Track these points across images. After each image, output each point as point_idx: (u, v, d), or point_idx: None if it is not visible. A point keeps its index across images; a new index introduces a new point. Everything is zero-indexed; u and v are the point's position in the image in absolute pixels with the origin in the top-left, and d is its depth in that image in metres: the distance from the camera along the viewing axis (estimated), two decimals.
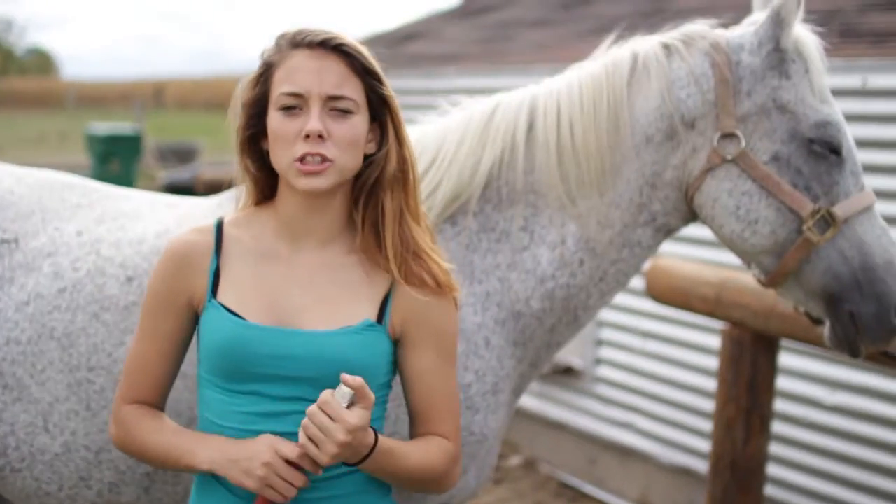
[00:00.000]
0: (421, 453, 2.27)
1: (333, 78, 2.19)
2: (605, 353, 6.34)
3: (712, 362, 5.49)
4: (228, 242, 2.32)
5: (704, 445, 5.60)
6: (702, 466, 5.62)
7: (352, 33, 2.32)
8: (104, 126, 19.81)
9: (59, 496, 2.92)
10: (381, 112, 2.28)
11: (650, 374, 6.04)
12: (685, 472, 5.78)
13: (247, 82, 2.30)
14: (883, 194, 4.44)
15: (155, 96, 52.15)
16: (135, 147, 17.90)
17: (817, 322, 3.07)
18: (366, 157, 2.28)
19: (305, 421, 2.07)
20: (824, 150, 2.85)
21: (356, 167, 2.25)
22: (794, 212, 2.84)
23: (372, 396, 2.09)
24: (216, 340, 2.23)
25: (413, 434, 2.36)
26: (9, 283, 2.92)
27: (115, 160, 16.85)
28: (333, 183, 2.20)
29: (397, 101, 2.32)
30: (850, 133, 2.93)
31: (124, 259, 2.91)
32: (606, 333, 6.32)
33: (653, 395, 6.02)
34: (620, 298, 5.86)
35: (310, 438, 2.07)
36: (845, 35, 5.30)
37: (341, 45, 2.21)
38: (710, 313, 4.34)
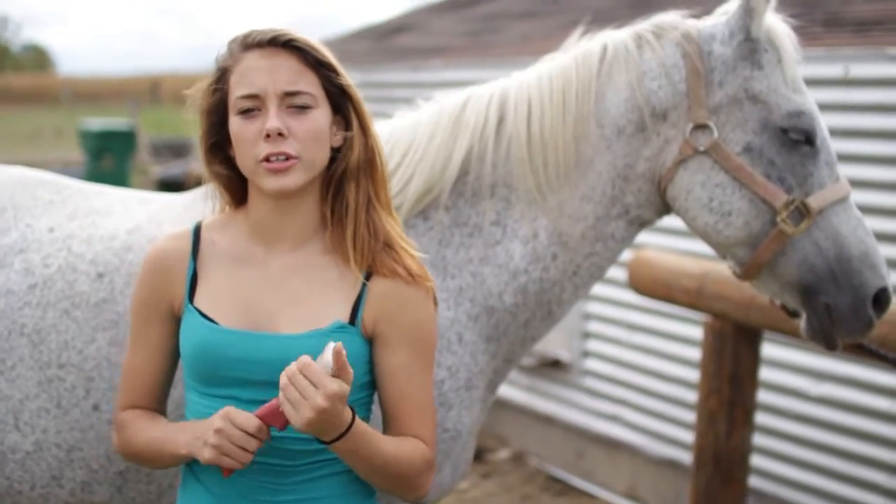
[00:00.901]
0: (396, 446, 2.24)
1: (287, 74, 2.19)
2: (593, 345, 6.37)
3: (698, 354, 5.51)
4: (205, 246, 2.33)
5: (691, 438, 5.61)
6: (689, 459, 5.63)
7: (342, 26, 2.30)
8: (98, 122, 19.84)
9: (32, 495, 2.91)
10: (342, 103, 2.26)
11: (637, 367, 6.07)
12: (672, 465, 5.82)
13: (202, 89, 2.30)
14: (865, 184, 4.48)
15: (150, 91, 52.14)
16: (128, 143, 17.92)
17: (794, 314, 3.07)
18: (335, 150, 2.27)
19: (284, 381, 2.04)
20: (798, 140, 2.84)
21: (323, 161, 2.24)
22: (767, 203, 2.83)
23: (351, 371, 2.06)
24: (191, 345, 2.25)
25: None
26: None
27: (109, 156, 16.88)
28: (302, 181, 2.19)
29: (358, 90, 2.30)
30: (826, 123, 2.93)
31: (95, 255, 2.90)
32: (593, 326, 6.35)
33: (640, 388, 6.05)
34: (607, 290, 5.91)
35: (287, 400, 2.04)
36: (829, 24, 5.33)
37: (291, 40, 2.21)
38: (693, 305, 4.34)
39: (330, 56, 2.25)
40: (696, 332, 5.40)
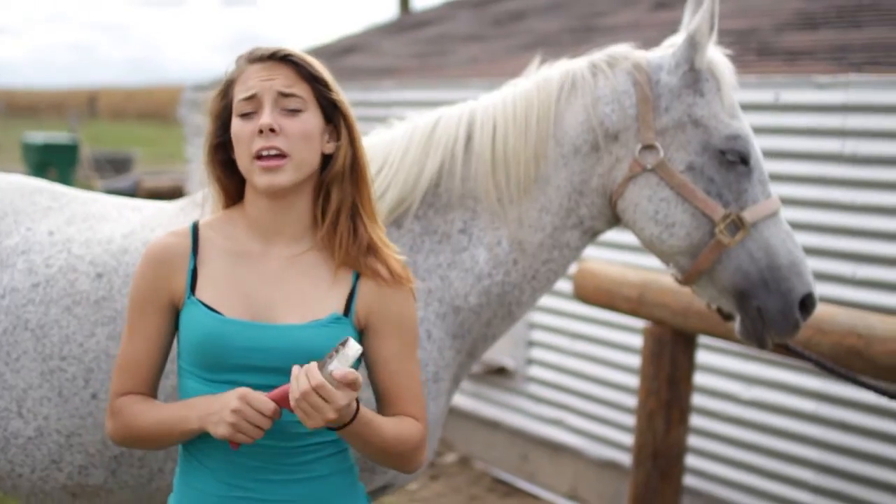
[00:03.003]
0: (395, 426, 2.40)
1: (283, 80, 2.38)
2: (536, 353, 6.51)
3: (636, 360, 5.77)
4: (204, 243, 2.46)
5: (630, 440, 5.84)
6: (628, 460, 5.84)
7: (291, 45, 2.53)
8: (40, 135, 19.65)
9: (32, 478, 3.08)
10: (333, 115, 2.44)
11: (579, 373, 6.23)
12: (612, 466, 5.99)
13: (213, 96, 2.50)
14: (793, 202, 4.74)
15: (88, 105, 51.51)
16: (71, 156, 17.78)
17: (728, 318, 3.33)
18: (327, 157, 2.46)
19: (297, 395, 2.17)
20: (734, 160, 3.10)
21: (313, 163, 2.41)
22: (707, 216, 3.09)
23: (360, 379, 2.22)
24: (196, 335, 2.37)
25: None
26: None
27: (52, 169, 16.65)
28: (292, 179, 2.36)
29: (348, 104, 2.49)
30: (759, 145, 3.19)
31: (94, 257, 3.08)
32: (537, 335, 6.50)
33: (581, 393, 6.22)
34: (550, 302, 6.09)
35: (300, 409, 2.19)
36: (761, 53, 5.57)
37: (289, 55, 2.41)
38: (634, 312, 4.62)
39: (324, 72, 2.44)
40: (635, 340, 5.66)
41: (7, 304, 3.06)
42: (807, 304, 3.17)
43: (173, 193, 11.07)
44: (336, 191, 2.44)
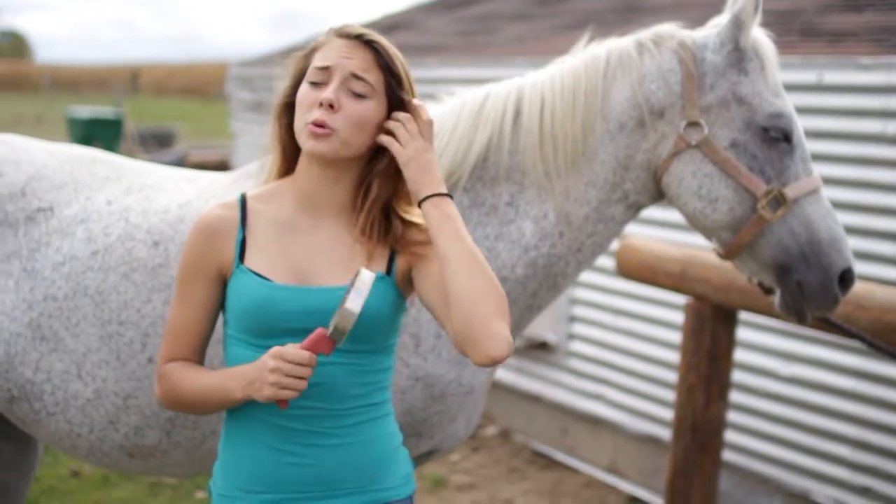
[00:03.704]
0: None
1: (360, 62, 2.41)
2: (578, 328, 6.57)
3: (676, 336, 5.82)
4: (252, 215, 2.51)
5: (670, 415, 5.90)
6: (667, 435, 5.90)
7: (322, 23, 2.55)
8: (86, 110, 19.86)
9: (90, 438, 3.19)
10: (398, 110, 2.47)
11: (619, 349, 6.28)
12: (652, 440, 6.05)
13: (297, 57, 2.55)
14: (835, 182, 4.79)
15: (130, 81, 51.76)
16: (116, 131, 17.97)
17: (768, 291, 3.39)
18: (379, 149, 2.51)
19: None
20: (777, 137, 3.16)
21: (360, 146, 2.44)
22: (749, 192, 3.16)
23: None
24: (246, 301, 2.43)
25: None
26: (45, 246, 3.18)
27: (97, 143, 16.85)
28: (335, 152, 2.40)
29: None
30: (802, 124, 3.25)
31: (151, 226, 3.18)
32: (579, 310, 6.55)
33: (622, 368, 6.27)
34: (592, 277, 6.16)
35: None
36: (804, 34, 5.60)
37: (374, 41, 2.45)
38: (675, 287, 4.67)
39: (402, 69, 2.46)
40: (675, 316, 5.71)
41: (67, 271, 3.15)
42: (846, 279, 3.23)
43: (219, 167, 11.18)
44: (376, 186, 2.50)
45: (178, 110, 39.85)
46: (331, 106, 2.39)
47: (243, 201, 2.55)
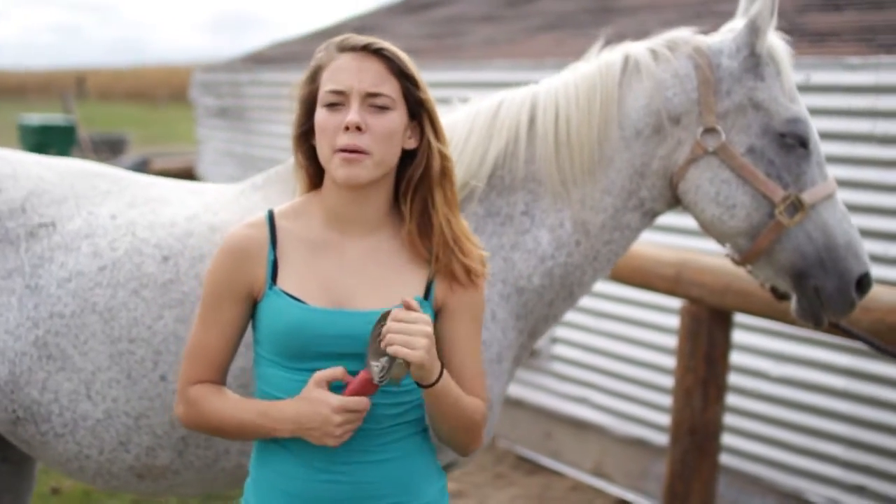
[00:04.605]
0: (467, 398, 2.45)
1: (372, 77, 2.36)
2: (561, 332, 6.56)
3: (660, 338, 5.83)
4: (282, 234, 2.47)
5: (656, 416, 5.91)
6: (654, 437, 5.93)
7: (269, 26, 2.51)
8: (37, 117, 19.60)
9: (99, 459, 3.12)
10: (418, 112, 2.44)
11: (604, 351, 6.29)
12: (638, 443, 6.05)
13: (300, 81, 2.51)
14: None
15: (76, 86, 51.25)
16: (69, 137, 17.71)
17: (782, 297, 3.40)
18: (408, 153, 2.48)
19: (389, 335, 2.23)
20: (794, 143, 3.16)
21: (393, 160, 2.42)
22: (767, 198, 3.15)
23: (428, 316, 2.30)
24: (281, 324, 2.39)
25: None
26: (49, 262, 3.11)
27: (51, 151, 16.61)
28: (371, 175, 2.37)
29: (434, 104, 2.50)
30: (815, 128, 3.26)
31: (159, 240, 3.12)
32: None
33: (606, 371, 6.28)
34: None
35: (399, 344, 2.24)
36: (788, 34, 5.63)
37: (381, 49, 2.41)
38: (670, 291, 4.68)
39: (413, 69, 2.45)
40: (659, 318, 5.73)
41: (74, 288, 3.09)
42: (863, 283, 3.24)
43: (184, 175, 11.08)
44: (423, 189, 2.47)
45: (127, 116, 39.57)
46: (358, 128, 2.35)
47: (271, 220, 2.50)
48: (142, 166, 14.71)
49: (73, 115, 21.21)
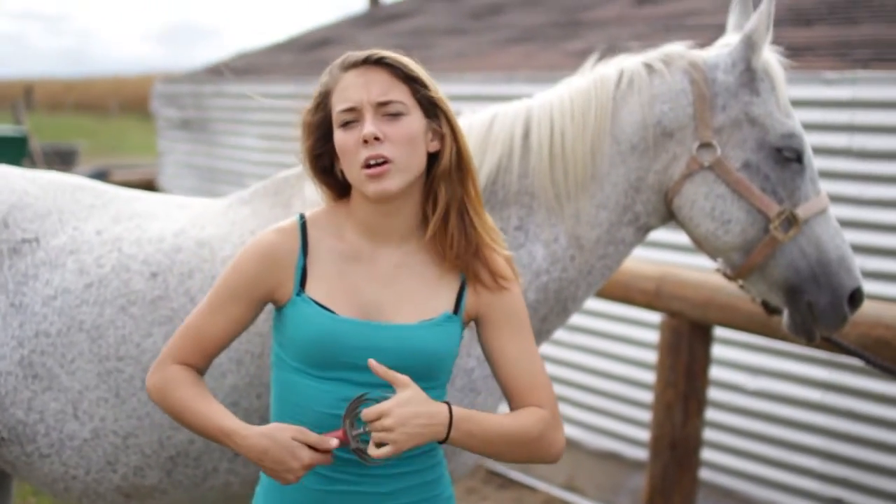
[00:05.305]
0: (512, 420, 2.41)
1: (379, 87, 2.35)
2: None
3: (633, 351, 5.84)
4: (314, 242, 2.46)
5: (628, 430, 5.92)
6: (627, 451, 5.94)
7: (223, 37, 2.47)
8: None
9: (86, 480, 3.06)
10: (434, 112, 2.42)
11: (576, 365, 6.29)
12: (610, 457, 6.05)
13: (308, 108, 2.49)
14: None
15: (25, 97, 50.71)
16: (21, 148, 17.39)
17: (773, 312, 3.39)
18: (433, 156, 2.44)
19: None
20: (789, 158, 3.16)
21: (419, 165, 2.40)
22: (762, 213, 3.14)
23: (399, 375, 2.28)
24: (310, 332, 2.38)
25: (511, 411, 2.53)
26: (33, 279, 3.05)
27: (0, 161, 16.41)
28: (400, 184, 2.35)
29: (447, 102, 2.46)
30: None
31: (146, 256, 3.06)
32: None
33: (578, 385, 6.28)
34: None
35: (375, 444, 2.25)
36: None
37: (382, 58, 2.38)
38: (650, 305, 4.68)
39: (419, 71, 2.42)
40: (632, 331, 5.75)
41: (60, 305, 3.03)
42: (855, 298, 3.24)
43: (145, 188, 10.99)
44: (444, 189, 2.44)
45: (76, 126, 39.20)
46: (376, 139, 2.33)
47: (304, 227, 2.49)
48: (101, 178, 14.56)
49: (23, 125, 20.95)
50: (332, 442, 2.30)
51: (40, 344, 3.02)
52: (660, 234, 4.72)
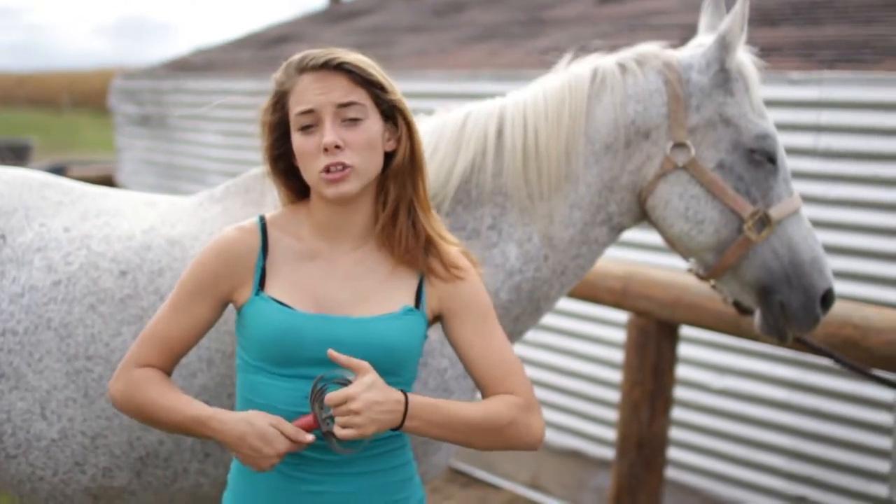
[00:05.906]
0: (475, 405, 2.42)
1: (339, 91, 2.34)
2: None
3: (600, 350, 5.84)
4: (273, 242, 2.46)
5: (592, 428, 5.93)
6: (591, 449, 5.94)
7: (179, 33, 2.44)
8: None
9: (53, 481, 3.02)
10: (391, 113, 2.42)
11: (538, 363, 6.28)
12: (574, 455, 6.06)
13: (264, 107, 2.48)
14: None
15: None
16: None
17: (745, 312, 3.40)
18: (389, 154, 2.45)
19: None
20: (762, 158, 3.16)
21: (377, 167, 2.41)
22: (735, 213, 3.15)
23: (360, 362, 2.28)
24: (268, 329, 2.37)
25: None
26: (0, 276, 3.03)
27: None
28: (358, 187, 2.36)
29: (406, 102, 2.46)
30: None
31: (115, 254, 3.03)
32: None
33: (541, 383, 6.28)
34: None
35: (342, 426, 2.25)
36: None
37: (342, 63, 2.37)
38: (617, 304, 4.68)
39: (378, 75, 2.41)
40: (596, 330, 5.75)
41: (27, 303, 3.00)
42: (827, 298, 3.25)
43: (103, 184, 10.90)
44: (394, 186, 2.45)
45: (29, 121, 38.79)
46: (336, 147, 2.33)
47: (264, 227, 2.49)
48: (58, 174, 14.38)
49: None
50: (308, 437, 2.30)
51: (7, 342, 2.99)
52: (627, 234, 4.73)
